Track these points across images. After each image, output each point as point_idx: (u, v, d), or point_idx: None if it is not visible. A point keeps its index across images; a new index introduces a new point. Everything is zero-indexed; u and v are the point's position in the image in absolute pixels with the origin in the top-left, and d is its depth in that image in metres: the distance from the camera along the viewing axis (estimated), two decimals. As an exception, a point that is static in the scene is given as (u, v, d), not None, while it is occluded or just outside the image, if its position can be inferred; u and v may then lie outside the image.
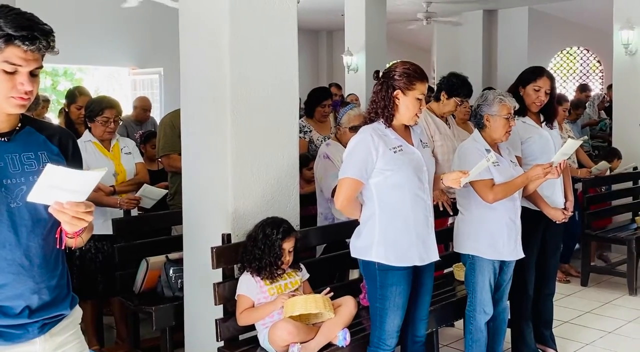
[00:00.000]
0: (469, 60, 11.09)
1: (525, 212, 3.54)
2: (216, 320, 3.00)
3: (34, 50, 1.66)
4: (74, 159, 1.91)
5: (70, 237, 1.76)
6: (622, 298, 5.33)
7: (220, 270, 3.06)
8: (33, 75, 1.71)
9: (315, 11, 11.55)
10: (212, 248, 3.01)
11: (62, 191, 1.61)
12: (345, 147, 4.00)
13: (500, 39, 11.40)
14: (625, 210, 6.34)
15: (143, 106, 6.70)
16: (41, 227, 1.78)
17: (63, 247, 1.80)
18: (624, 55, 7.13)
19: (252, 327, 3.06)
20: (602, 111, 8.60)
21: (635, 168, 6.34)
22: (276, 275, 3.02)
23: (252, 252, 3.01)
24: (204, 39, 3.28)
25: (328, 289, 3.06)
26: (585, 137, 6.42)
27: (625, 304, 5.17)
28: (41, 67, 1.72)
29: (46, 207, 1.68)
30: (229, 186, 3.15)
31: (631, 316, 4.89)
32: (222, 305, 3.04)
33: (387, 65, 3.08)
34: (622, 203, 6.30)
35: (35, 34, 1.65)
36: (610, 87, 8.58)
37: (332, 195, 3.98)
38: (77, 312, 1.96)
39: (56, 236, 1.77)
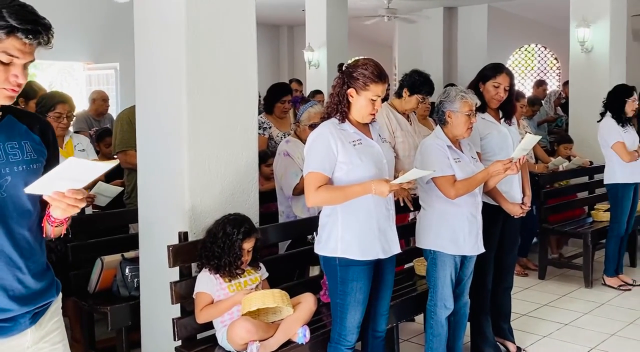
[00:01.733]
0: (430, 57, 11.18)
1: (484, 207, 3.57)
2: (173, 319, 2.94)
3: (34, 44, 1.65)
4: (54, 149, 1.91)
5: (57, 226, 1.76)
6: (579, 291, 5.43)
7: (177, 269, 3.01)
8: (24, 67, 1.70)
9: (276, 6, 11.47)
10: (168, 246, 2.96)
11: (65, 181, 1.59)
12: (305, 144, 3.98)
13: (460, 36, 11.52)
14: (581, 204, 6.47)
15: (102, 97, 6.61)
16: (26, 218, 1.77)
17: (53, 236, 1.82)
18: (579, 52, 7.27)
19: (210, 326, 3.01)
20: (559, 107, 8.76)
21: (591, 163, 6.47)
22: (235, 274, 2.97)
23: (211, 249, 2.96)
24: (159, 32, 3.21)
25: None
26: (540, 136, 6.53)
27: (581, 297, 5.27)
28: (34, 59, 1.70)
29: (30, 198, 1.69)
30: (185, 183, 3.10)
31: (587, 308, 4.98)
32: (179, 304, 2.99)
33: (351, 60, 3.05)
34: (579, 197, 6.43)
35: (38, 28, 1.64)
36: (566, 83, 8.74)
37: (294, 193, 3.94)
38: (60, 298, 1.96)
39: (42, 224, 1.78)
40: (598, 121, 5.48)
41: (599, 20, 7.14)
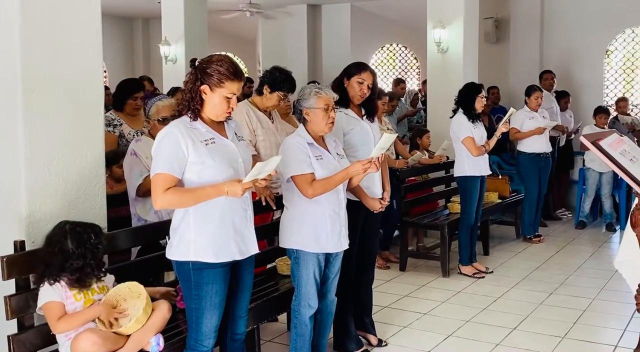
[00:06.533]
0: (294, 54, 11.18)
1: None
2: (9, 336, 2.68)
3: None
4: None
5: None
6: (437, 280, 5.66)
7: (12, 281, 2.74)
8: None
9: (130, -3, 10.92)
10: (2, 257, 2.68)
11: None
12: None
13: (324, 34, 11.63)
14: (439, 197, 6.76)
15: None
16: None
17: None
18: (436, 52, 7.59)
19: (53, 340, 2.80)
20: (420, 103, 9.12)
21: (447, 157, 6.77)
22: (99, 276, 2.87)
23: (68, 266, 2.75)
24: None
25: None
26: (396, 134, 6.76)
27: (439, 286, 5.49)
28: None
29: None
30: (22, 186, 2.85)
31: (444, 296, 5.19)
32: (15, 319, 2.73)
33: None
34: (437, 191, 6.74)
35: None
36: (425, 82, 9.11)
37: (137, 194, 3.75)
38: None
39: None
40: (450, 117, 5.74)
41: (453, 22, 7.49)
